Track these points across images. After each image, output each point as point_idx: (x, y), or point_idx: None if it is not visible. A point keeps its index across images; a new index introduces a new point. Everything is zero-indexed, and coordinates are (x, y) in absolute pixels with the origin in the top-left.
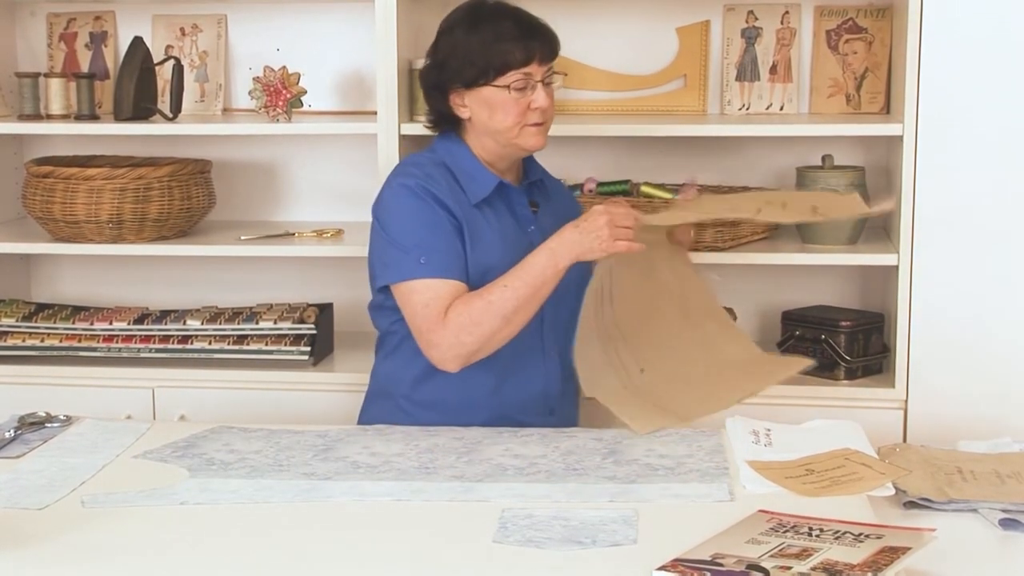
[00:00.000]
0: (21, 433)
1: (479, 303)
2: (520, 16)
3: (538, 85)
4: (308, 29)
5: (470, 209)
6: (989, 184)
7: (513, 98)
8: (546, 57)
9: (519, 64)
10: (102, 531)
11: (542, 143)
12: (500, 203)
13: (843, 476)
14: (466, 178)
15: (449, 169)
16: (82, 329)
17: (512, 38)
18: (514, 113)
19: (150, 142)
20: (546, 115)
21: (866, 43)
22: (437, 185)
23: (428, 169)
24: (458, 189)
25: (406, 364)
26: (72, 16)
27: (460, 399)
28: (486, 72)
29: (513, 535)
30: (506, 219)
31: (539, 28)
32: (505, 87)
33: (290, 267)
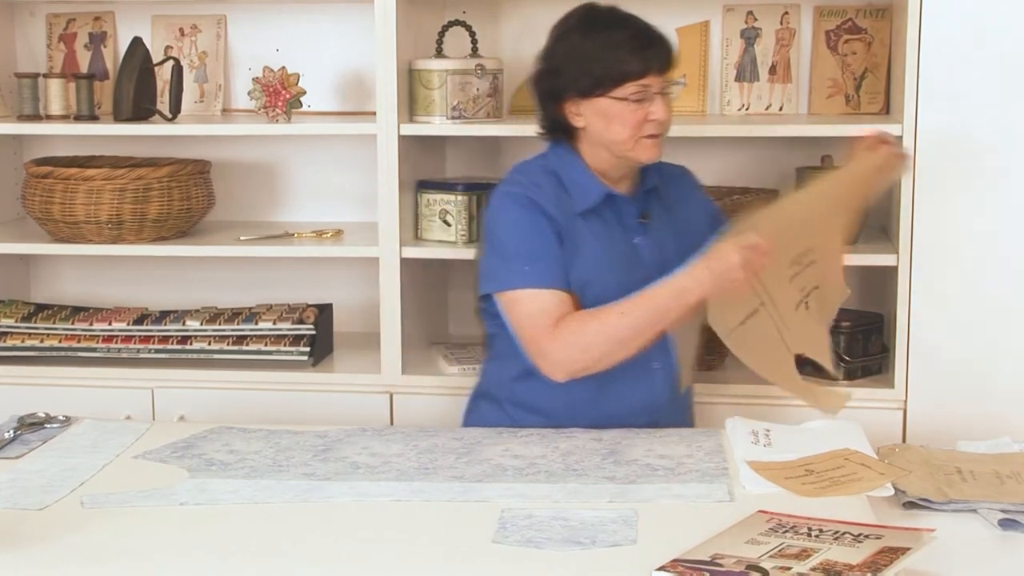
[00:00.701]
0: (21, 433)
1: (594, 325)
2: (636, 24)
3: (656, 96)
4: (307, 30)
5: (574, 217)
6: (988, 184)
7: (630, 109)
8: (663, 68)
9: (636, 75)
10: (102, 531)
11: (657, 155)
12: (608, 213)
13: (842, 476)
14: (574, 187)
15: (558, 177)
16: (81, 330)
17: (629, 48)
18: (631, 125)
19: (149, 143)
20: (663, 127)
21: (865, 43)
22: (542, 193)
23: (535, 177)
24: (564, 197)
25: (506, 366)
26: (71, 17)
27: (560, 405)
28: (603, 83)
29: (513, 535)
30: (613, 230)
31: (656, 37)
32: (622, 99)
33: (289, 267)
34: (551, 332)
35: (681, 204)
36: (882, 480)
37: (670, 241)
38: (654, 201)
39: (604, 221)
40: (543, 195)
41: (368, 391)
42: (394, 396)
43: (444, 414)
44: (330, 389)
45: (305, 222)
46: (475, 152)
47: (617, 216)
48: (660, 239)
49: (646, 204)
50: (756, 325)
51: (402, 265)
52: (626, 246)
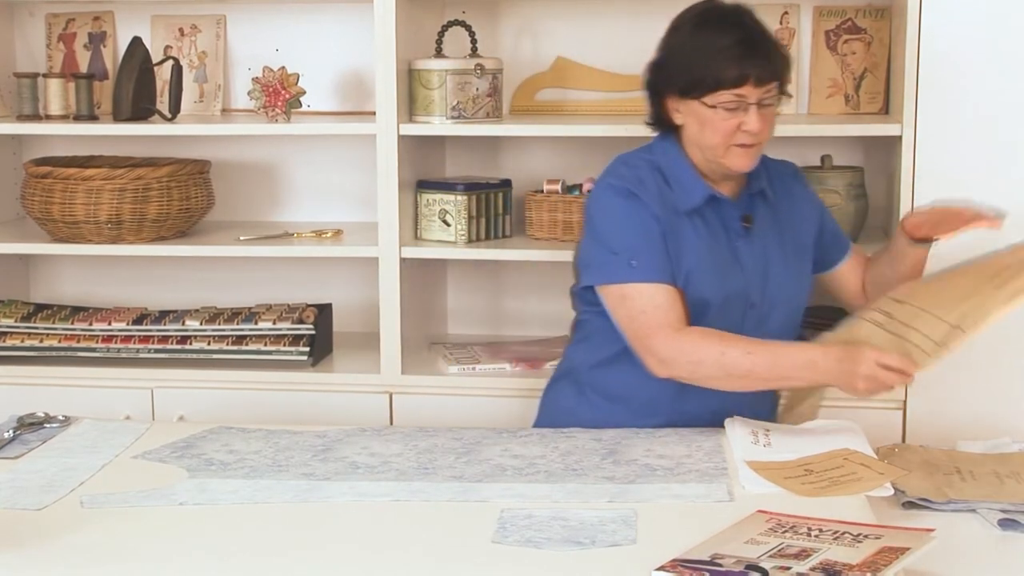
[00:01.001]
0: (20, 434)
1: (716, 348)
2: (747, 28)
3: (752, 107)
4: (307, 30)
5: (677, 215)
6: (988, 184)
7: (722, 117)
8: (763, 79)
9: (731, 84)
10: (101, 532)
11: (749, 165)
12: (710, 213)
13: (842, 476)
14: (677, 184)
15: (662, 172)
16: (81, 329)
17: (729, 55)
18: (722, 132)
19: (149, 142)
20: (758, 137)
21: (865, 43)
22: (645, 189)
23: (639, 171)
24: (668, 193)
25: (592, 351)
26: (71, 16)
27: (641, 398)
28: (698, 86)
29: (512, 535)
30: (715, 231)
31: (761, 46)
32: (714, 106)
33: (289, 267)
34: (665, 331)
35: (786, 202)
36: (881, 480)
37: (774, 243)
38: (760, 204)
39: (706, 222)
40: (646, 191)
41: (368, 391)
42: (393, 396)
43: (444, 414)
44: (329, 389)
45: (305, 222)
46: (475, 152)
47: (720, 218)
48: (763, 243)
49: (750, 207)
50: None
51: (402, 265)
52: (727, 249)
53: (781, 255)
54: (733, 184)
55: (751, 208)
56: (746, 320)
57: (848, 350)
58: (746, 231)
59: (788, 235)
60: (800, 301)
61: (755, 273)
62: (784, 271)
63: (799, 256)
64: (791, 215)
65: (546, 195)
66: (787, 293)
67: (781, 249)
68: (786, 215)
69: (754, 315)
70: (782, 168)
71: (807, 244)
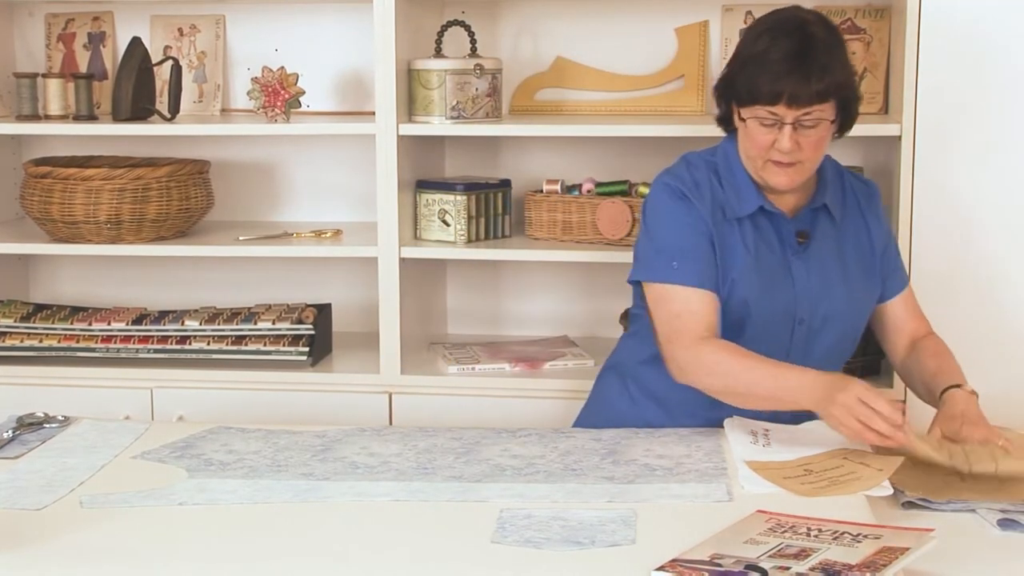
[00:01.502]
0: (19, 434)
1: (728, 363)
2: (801, 44)
3: (785, 128)
4: (306, 30)
5: (727, 221)
6: (987, 184)
7: (759, 131)
8: (799, 101)
9: (765, 100)
10: (100, 532)
11: (786, 183)
12: (766, 224)
13: (841, 476)
14: (731, 189)
15: (719, 175)
16: (80, 330)
17: (770, 71)
18: (757, 146)
19: (148, 142)
20: (795, 156)
21: (864, 43)
22: (699, 192)
23: (697, 173)
24: (722, 196)
25: (640, 346)
26: (70, 17)
27: (679, 399)
28: (741, 96)
29: (512, 535)
30: (769, 242)
31: (803, 66)
32: (755, 119)
33: (288, 267)
34: (690, 339)
35: (857, 221)
36: (880, 477)
37: (833, 261)
38: (823, 219)
39: (760, 232)
40: (700, 195)
41: (367, 391)
42: (393, 396)
43: (443, 414)
44: (329, 389)
45: (304, 222)
46: (474, 152)
47: (776, 230)
48: (820, 259)
49: (811, 222)
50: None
51: (401, 265)
52: (779, 262)
53: (841, 274)
54: (794, 197)
55: (811, 223)
56: (794, 336)
57: (840, 377)
58: (801, 246)
59: (852, 255)
60: (856, 323)
61: (807, 289)
62: (841, 290)
63: (863, 277)
64: (858, 235)
65: (545, 195)
66: (841, 313)
67: (841, 268)
68: (852, 234)
69: (802, 331)
70: (859, 186)
71: (873, 266)
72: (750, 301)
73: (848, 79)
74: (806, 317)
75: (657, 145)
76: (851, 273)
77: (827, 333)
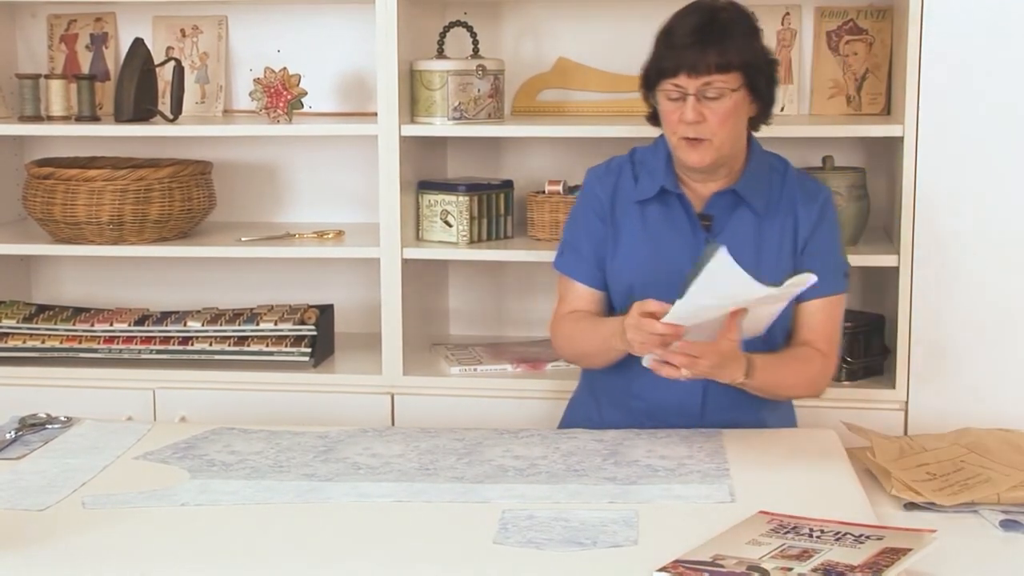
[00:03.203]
0: (22, 434)
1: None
2: (705, 19)
3: (689, 99)
4: (309, 30)
5: (631, 205)
6: (989, 185)
7: (668, 108)
8: (697, 70)
9: (669, 74)
10: (103, 532)
11: (697, 160)
12: (676, 206)
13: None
14: (645, 175)
15: (640, 162)
16: (83, 330)
17: (674, 44)
18: (669, 123)
19: (151, 143)
20: (703, 131)
21: (867, 44)
22: (605, 183)
23: (612, 164)
24: (629, 182)
25: None
26: (73, 18)
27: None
28: (649, 76)
29: (514, 536)
30: (675, 223)
31: (703, 39)
32: (664, 95)
33: (290, 268)
34: (556, 319)
35: (781, 218)
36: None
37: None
38: (742, 210)
39: (668, 213)
40: (605, 184)
41: (369, 392)
42: (395, 397)
43: (445, 415)
44: (331, 390)
45: (306, 223)
46: (476, 153)
47: (686, 212)
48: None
49: (724, 210)
50: None
51: (403, 266)
52: (683, 244)
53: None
54: (716, 184)
55: (723, 211)
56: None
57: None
58: (709, 231)
59: (772, 250)
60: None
61: None
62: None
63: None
64: (783, 233)
65: (547, 196)
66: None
67: (754, 258)
68: (778, 231)
69: None
70: (807, 186)
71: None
72: (639, 277)
73: (756, 58)
74: None
75: None
76: (765, 266)
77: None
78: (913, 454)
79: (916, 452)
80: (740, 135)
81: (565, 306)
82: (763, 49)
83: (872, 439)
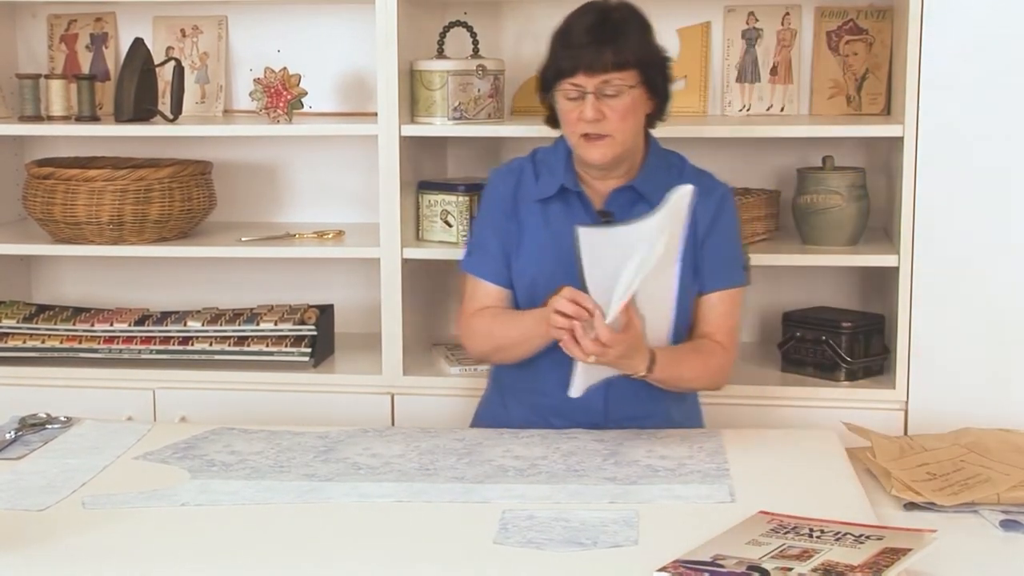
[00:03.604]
0: (22, 434)
1: (486, 326)
2: (599, 18)
3: (588, 97)
4: (309, 30)
5: (532, 204)
6: (989, 185)
7: (567, 108)
8: (595, 68)
9: (567, 73)
10: (103, 532)
11: (599, 157)
12: (577, 204)
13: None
14: (546, 174)
15: (542, 162)
16: (83, 330)
17: (569, 43)
18: (568, 122)
19: (151, 143)
20: (603, 127)
21: (867, 44)
22: (507, 181)
23: (515, 164)
24: (531, 181)
25: None
26: (73, 18)
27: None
28: (547, 77)
29: (514, 536)
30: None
31: (599, 37)
32: (562, 95)
33: (291, 268)
34: (466, 319)
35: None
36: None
37: None
38: (641, 206)
39: (568, 211)
40: (507, 183)
41: (369, 392)
42: (395, 397)
43: (445, 415)
44: (331, 390)
45: (306, 223)
46: (476, 153)
47: (585, 210)
48: None
49: (623, 206)
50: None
51: (403, 266)
52: None
53: None
54: (616, 180)
55: (622, 207)
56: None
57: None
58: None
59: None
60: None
61: None
62: None
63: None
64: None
65: None
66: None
67: None
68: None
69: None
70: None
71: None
72: (541, 275)
73: (651, 56)
74: None
75: None
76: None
77: None
78: (913, 454)
79: (916, 452)
80: (639, 131)
81: (474, 304)
82: (657, 47)
83: (872, 439)
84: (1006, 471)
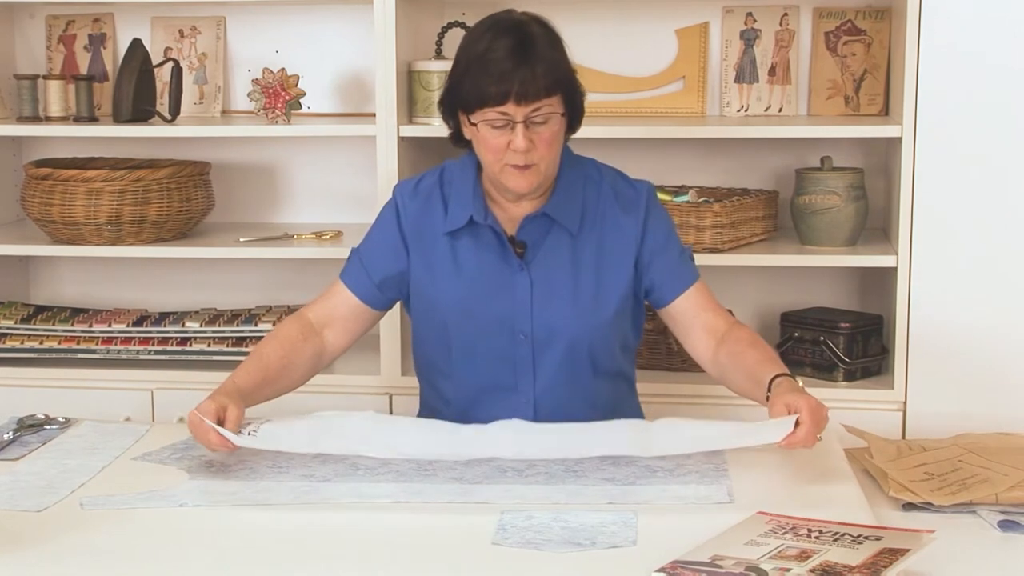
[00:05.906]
0: (20, 435)
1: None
2: (521, 40)
3: (518, 126)
4: (307, 31)
5: (440, 236)
6: (988, 186)
7: (492, 135)
8: (527, 97)
9: (494, 102)
10: (101, 533)
11: (526, 186)
12: (489, 235)
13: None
14: (454, 204)
15: (450, 187)
16: (81, 331)
17: (494, 70)
18: (492, 150)
19: (149, 144)
20: (531, 157)
21: (865, 45)
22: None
23: (425, 186)
24: (439, 212)
25: None
26: (71, 18)
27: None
28: (467, 104)
29: (512, 537)
30: (491, 254)
31: (527, 62)
32: (487, 123)
33: (289, 269)
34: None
35: (601, 228)
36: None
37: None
38: (556, 231)
39: (481, 244)
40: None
41: (367, 392)
42: (393, 397)
43: None
44: (329, 390)
45: (304, 223)
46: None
47: (499, 242)
48: (547, 271)
49: (538, 234)
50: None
51: None
52: (499, 275)
53: (570, 286)
54: (531, 205)
55: (537, 235)
56: (519, 349)
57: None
58: (524, 259)
59: (591, 266)
60: (587, 336)
61: (525, 303)
62: (565, 303)
63: (602, 289)
64: (609, 242)
65: None
66: (565, 327)
67: (572, 280)
68: (596, 243)
69: (527, 345)
70: (623, 189)
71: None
72: (455, 313)
73: (570, 74)
74: (528, 331)
75: (657, 147)
76: (583, 286)
77: (554, 347)
78: (911, 454)
79: (914, 452)
80: (560, 154)
81: (319, 306)
82: (570, 62)
83: (870, 440)
84: (1004, 471)
